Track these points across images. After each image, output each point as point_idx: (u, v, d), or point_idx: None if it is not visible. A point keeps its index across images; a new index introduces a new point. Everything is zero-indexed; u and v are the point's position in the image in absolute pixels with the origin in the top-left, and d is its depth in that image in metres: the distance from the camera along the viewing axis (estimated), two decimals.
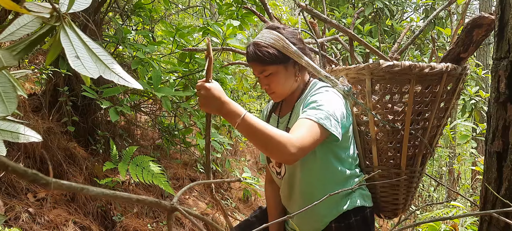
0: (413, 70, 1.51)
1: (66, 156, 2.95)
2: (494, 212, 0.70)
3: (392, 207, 1.74)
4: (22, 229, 2.39)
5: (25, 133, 0.99)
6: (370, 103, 1.58)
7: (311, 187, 1.57)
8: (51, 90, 3.16)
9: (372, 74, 1.53)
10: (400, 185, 1.70)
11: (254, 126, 1.26)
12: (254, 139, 1.29)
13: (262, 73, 1.54)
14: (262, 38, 1.54)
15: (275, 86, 1.56)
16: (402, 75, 1.53)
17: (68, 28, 0.86)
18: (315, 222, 1.59)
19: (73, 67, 0.79)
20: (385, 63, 1.51)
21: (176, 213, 0.65)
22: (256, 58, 1.52)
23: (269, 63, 1.51)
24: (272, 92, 1.59)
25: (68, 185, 0.56)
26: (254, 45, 1.53)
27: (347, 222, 1.55)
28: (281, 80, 1.55)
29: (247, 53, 1.56)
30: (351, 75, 1.60)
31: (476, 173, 4.72)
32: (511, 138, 1.30)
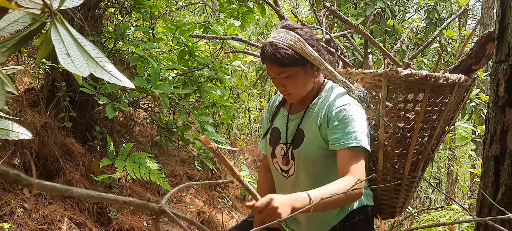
0: (429, 80, 1.53)
1: (63, 152, 2.94)
2: (489, 219, 0.69)
3: (391, 209, 1.77)
4: (16, 224, 2.39)
5: (15, 130, 0.97)
6: (384, 110, 1.58)
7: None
8: (49, 85, 3.15)
9: (390, 81, 1.54)
10: (400, 189, 1.72)
11: (324, 198, 1.21)
12: (330, 207, 1.39)
13: (280, 75, 1.50)
14: (280, 39, 1.49)
15: (292, 88, 1.53)
16: (417, 84, 1.54)
17: (59, 25, 0.84)
18: (321, 225, 1.59)
19: (63, 65, 0.77)
20: (403, 72, 1.52)
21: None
22: (275, 60, 1.47)
23: (288, 65, 1.47)
24: (289, 94, 1.55)
25: (51, 186, 0.55)
26: (272, 46, 1.48)
27: (352, 221, 1.56)
28: (299, 82, 1.52)
29: (263, 53, 1.50)
30: (367, 80, 1.60)
31: (475, 175, 4.71)
32: (509, 142, 1.28)
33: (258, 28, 7.89)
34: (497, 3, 1.39)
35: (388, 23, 6.29)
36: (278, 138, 1.65)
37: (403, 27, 6.48)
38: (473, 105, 4.79)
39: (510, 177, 1.28)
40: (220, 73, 3.42)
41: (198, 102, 4.10)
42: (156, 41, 3.39)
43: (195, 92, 3.54)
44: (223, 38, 2.23)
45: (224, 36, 2.29)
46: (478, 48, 1.65)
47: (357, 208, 1.57)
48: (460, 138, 3.72)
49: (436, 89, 1.57)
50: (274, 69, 1.50)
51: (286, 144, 1.60)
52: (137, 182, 3.25)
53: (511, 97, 1.29)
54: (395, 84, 1.54)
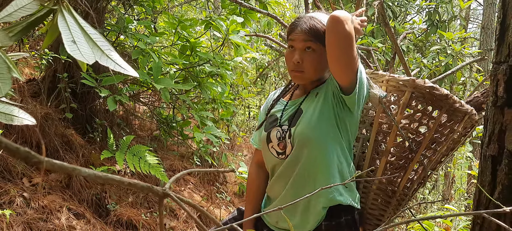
0: (449, 100, 1.55)
1: (63, 143, 2.95)
2: (485, 212, 0.70)
3: (376, 221, 1.72)
4: (16, 213, 2.40)
5: (19, 115, 0.98)
6: (401, 116, 1.58)
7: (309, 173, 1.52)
8: (51, 76, 3.16)
9: (415, 88, 1.55)
10: (391, 202, 1.69)
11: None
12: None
13: (304, 44, 1.48)
14: (318, 16, 1.50)
15: (307, 65, 1.49)
16: (437, 100, 1.56)
17: (66, 12, 0.85)
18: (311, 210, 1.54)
19: (69, 52, 0.78)
20: (428, 83, 1.54)
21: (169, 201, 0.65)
22: (308, 28, 1.46)
23: (317, 39, 1.46)
24: (301, 71, 1.51)
25: (60, 164, 0.56)
26: (311, 18, 1.49)
27: (338, 221, 1.52)
28: (318, 63, 1.50)
29: (299, 20, 1.50)
30: (391, 83, 1.60)
31: (472, 177, 4.73)
32: (507, 142, 1.30)
33: (259, 27, 7.90)
34: (497, 3, 1.40)
35: (390, 24, 6.30)
36: (274, 122, 1.61)
37: (404, 29, 6.49)
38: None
39: (507, 176, 1.29)
40: (221, 69, 3.43)
41: (198, 98, 4.11)
42: (158, 35, 3.40)
43: (196, 88, 3.56)
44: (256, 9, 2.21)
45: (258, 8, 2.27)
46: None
47: (345, 208, 1.52)
48: None
49: (450, 112, 1.59)
50: (303, 37, 1.47)
51: (281, 126, 1.57)
52: (136, 175, 3.26)
53: (510, 98, 1.30)
54: (419, 93, 1.55)
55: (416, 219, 0.83)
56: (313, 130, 1.49)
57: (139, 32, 3.88)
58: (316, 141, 1.49)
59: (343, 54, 1.38)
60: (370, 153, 1.66)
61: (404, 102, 1.56)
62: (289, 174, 1.55)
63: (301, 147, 1.51)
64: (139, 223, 2.88)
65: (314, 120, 1.49)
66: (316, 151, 1.50)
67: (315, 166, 1.51)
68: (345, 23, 1.34)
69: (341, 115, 1.50)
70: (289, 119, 1.56)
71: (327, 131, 1.49)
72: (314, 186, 1.49)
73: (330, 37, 1.37)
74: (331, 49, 1.39)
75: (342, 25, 1.34)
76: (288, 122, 1.56)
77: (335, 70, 1.43)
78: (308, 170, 1.52)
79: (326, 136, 1.50)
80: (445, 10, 6.46)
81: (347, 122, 1.52)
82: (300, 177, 1.53)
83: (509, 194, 1.29)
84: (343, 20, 1.34)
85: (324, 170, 1.50)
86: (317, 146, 1.49)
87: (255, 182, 1.75)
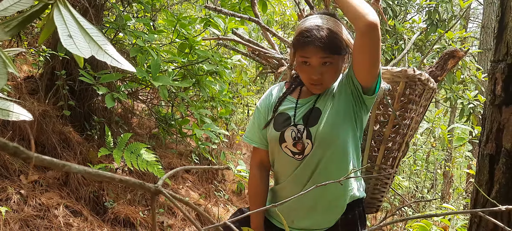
0: (429, 83, 1.76)
1: (61, 140, 2.95)
2: (481, 211, 0.70)
3: (378, 203, 1.88)
4: (12, 210, 2.39)
5: (16, 110, 0.98)
6: (397, 104, 1.72)
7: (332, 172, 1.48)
8: (49, 73, 3.15)
9: (408, 78, 1.68)
10: (387, 183, 1.86)
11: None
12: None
13: (324, 59, 1.40)
14: (329, 25, 1.41)
15: (328, 77, 1.44)
16: (423, 84, 1.74)
17: (62, 6, 0.85)
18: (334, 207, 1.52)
19: (65, 46, 0.78)
20: (417, 71, 1.69)
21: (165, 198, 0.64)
22: (328, 44, 1.38)
23: (337, 52, 1.40)
24: (320, 84, 1.45)
25: (49, 160, 0.56)
26: (323, 29, 1.39)
27: (353, 213, 1.54)
28: (336, 72, 1.45)
29: (311, 36, 1.39)
30: (386, 76, 1.71)
31: (471, 176, 4.73)
32: (504, 140, 1.29)
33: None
34: (497, 2, 1.40)
35: (390, 23, 6.29)
36: (287, 121, 1.53)
37: (404, 28, 6.49)
38: (471, 107, 4.81)
39: (504, 175, 1.29)
40: (220, 67, 3.42)
41: (197, 96, 4.10)
42: (156, 33, 3.39)
43: (194, 86, 3.55)
44: (241, 16, 2.17)
45: (242, 15, 2.24)
46: (443, 62, 2.00)
47: (357, 199, 1.54)
48: (457, 139, 3.74)
49: (427, 91, 1.79)
50: (320, 53, 1.39)
51: (296, 125, 1.50)
52: (134, 173, 3.25)
53: (508, 97, 1.30)
54: (411, 82, 1.69)
55: (413, 217, 0.83)
56: (335, 130, 1.46)
57: (138, 29, 3.87)
58: (340, 140, 1.46)
59: (373, 58, 1.35)
60: (369, 143, 1.77)
61: (399, 92, 1.70)
62: (307, 174, 1.50)
63: (324, 147, 1.47)
64: (137, 220, 2.87)
65: (336, 120, 1.46)
66: (339, 150, 1.47)
67: (336, 164, 1.48)
68: (379, 29, 1.30)
69: (359, 113, 1.49)
70: (304, 118, 1.51)
71: (348, 131, 1.48)
72: (336, 185, 1.45)
73: (366, 42, 1.32)
74: (365, 54, 1.35)
75: (378, 32, 1.30)
76: (303, 121, 1.51)
77: (363, 72, 1.40)
78: (330, 169, 1.48)
79: (347, 135, 1.48)
80: (445, 9, 6.46)
81: (363, 119, 1.53)
82: (321, 176, 1.48)
83: (506, 192, 1.29)
84: (378, 25, 1.30)
85: (344, 168, 1.48)
86: (341, 145, 1.47)
87: (260, 186, 1.65)
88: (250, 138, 1.65)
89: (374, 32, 1.29)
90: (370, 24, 1.28)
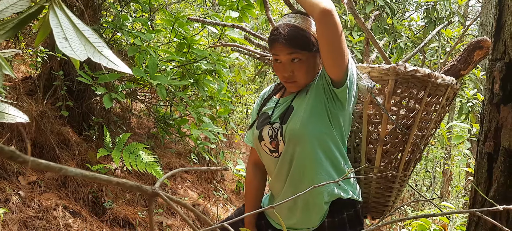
0: (431, 79, 1.59)
1: (59, 141, 2.94)
2: (478, 211, 0.70)
3: (382, 208, 1.76)
4: (11, 211, 2.39)
5: (11, 113, 0.97)
6: (389, 104, 1.61)
7: (304, 169, 1.51)
8: (46, 74, 3.14)
9: (397, 75, 1.57)
10: (394, 187, 1.72)
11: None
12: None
13: (290, 56, 1.44)
14: (296, 22, 1.45)
15: (299, 74, 1.47)
16: (421, 82, 1.59)
17: (57, 8, 0.84)
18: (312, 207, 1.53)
19: (61, 49, 0.78)
20: (410, 67, 1.56)
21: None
22: (291, 40, 1.42)
23: (303, 48, 1.43)
24: (293, 81, 1.49)
25: (46, 164, 0.55)
26: (289, 26, 1.43)
27: (341, 217, 1.52)
28: (308, 69, 1.47)
29: (277, 33, 1.44)
30: (374, 74, 1.61)
31: (470, 174, 4.74)
32: (503, 139, 1.29)
33: (257, 24, 7.88)
34: (495, 0, 1.39)
35: (388, 21, 6.29)
36: (266, 120, 1.60)
37: (402, 26, 6.49)
38: (470, 105, 4.82)
39: (503, 174, 1.29)
40: (218, 65, 3.42)
41: (196, 96, 4.10)
42: (154, 32, 3.39)
43: (193, 85, 3.54)
44: (223, 24, 2.19)
45: (225, 23, 2.26)
46: (466, 54, 1.76)
47: (345, 201, 1.52)
48: (456, 137, 3.74)
49: (434, 89, 1.63)
50: (286, 50, 1.43)
51: (273, 124, 1.56)
52: (133, 173, 3.25)
53: (506, 95, 1.30)
54: (402, 79, 1.58)
55: (412, 217, 0.83)
56: (304, 126, 1.48)
57: (136, 29, 3.87)
58: (308, 137, 1.48)
59: (333, 45, 1.36)
60: (364, 144, 1.69)
61: (389, 91, 1.59)
62: (285, 172, 1.55)
63: (293, 144, 1.50)
64: (136, 221, 2.87)
65: (305, 116, 1.48)
66: (308, 148, 1.48)
67: (309, 162, 1.50)
68: (335, 14, 1.33)
69: (333, 110, 1.48)
70: (281, 116, 1.55)
71: (319, 127, 1.48)
72: (312, 182, 1.48)
73: (322, 30, 1.35)
74: (323, 41, 1.37)
75: (333, 18, 1.32)
76: (280, 119, 1.55)
77: (328, 63, 1.42)
78: (303, 167, 1.51)
79: (318, 132, 1.48)
80: (443, 7, 6.46)
81: (340, 117, 1.51)
82: (296, 174, 1.52)
83: (505, 191, 1.29)
84: (334, 11, 1.33)
85: (318, 166, 1.49)
86: (309, 142, 1.48)
87: (252, 182, 1.74)
88: (247, 138, 1.74)
89: (328, 18, 1.32)
90: (323, 11, 1.31)
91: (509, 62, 1.28)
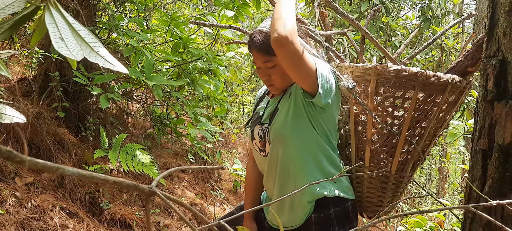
0: (419, 78, 1.50)
1: (56, 142, 2.93)
2: (472, 206, 0.71)
3: (375, 208, 1.75)
4: (8, 213, 2.38)
5: (8, 113, 0.97)
6: (372, 104, 1.57)
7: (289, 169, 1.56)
8: (42, 75, 3.13)
9: (379, 75, 1.52)
10: (387, 188, 1.69)
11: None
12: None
13: (265, 64, 1.50)
14: (268, 27, 1.48)
15: (276, 78, 1.53)
16: (407, 80, 1.52)
17: (53, 8, 0.84)
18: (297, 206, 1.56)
19: (57, 49, 0.78)
20: (393, 67, 1.50)
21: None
22: (262, 47, 1.47)
23: (272, 54, 1.44)
24: (271, 84, 1.55)
25: (43, 164, 0.56)
26: (260, 33, 1.47)
27: (327, 212, 1.54)
28: (283, 73, 1.51)
29: (251, 40, 1.50)
30: (356, 73, 1.58)
31: (466, 171, 4.76)
32: (497, 136, 1.31)
33: (253, 23, 7.88)
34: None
35: (383, 20, 6.31)
36: (258, 119, 1.67)
37: (398, 24, 6.51)
38: (465, 102, 4.84)
39: (497, 170, 1.30)
40: (214, 64, 3.42)
41: (192, 96, 4.10)
42: (150, 32, 3.38)
43: (189, 85, 3.55)
44: (221, 26, 2.21)
45: (222, 24, 2.28)
46: (474, 50, 1.65)
47: (332, 199, 1.54)
48: (450, 135, 3.75)
49: (427, 88, 1.55)
50: (260, 57, 1.50)
51: (262, 124, 1.63)
52: (130, 174, 3.25)
53: (499, 92, 1.31)
54: (385, 79, 1.52)
55: (407, 213, 0.84)
56: (285, 128, 1.53)
57: (132, 29, 3.86)
58: (290, 138, 1.53)
59: (295, 67, 1.38)
60: (354, 144, 1.69)
61: (371, 92, 1.55)
62: (273, 171, 1.61)
63: (276, 144, 1.56)
64: (133, 221, 2.87)
65: (287, 118, 1.53)
66: (290, 149, 1.54)
67: (292, 163, 1.55)
68: (292, 39, 1.30)
69: (313, 113, 1.52)
70: (269, 117, 1.61)
71: (300, 129, 1.52)
72: (295, 183, 1.54)
73: (280, 57, 1.36)
74: (284, 65, 1.39)
75: (289, 46, 1.30)
76: (269, 119, 1.61)
77: (295, 79, 1.47)
78: (287, 167, 1.56)
79: (300, 134, 1.53)
80: (438, 5, 6.48)
81: (320, 119, 1.54)
82: (282, 174, 1.58)
83: (499, 187, 1.30)
84: (290, 37, 1.30)
85: (301, 167, 1.54)
86: (291, 143, 1.53)
87: (251, 177, 1.81)
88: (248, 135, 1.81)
89: (282, 49, 1.31)
90: (276, 41, 1.30)
91: (503, 59, 1.29)
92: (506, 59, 1.28)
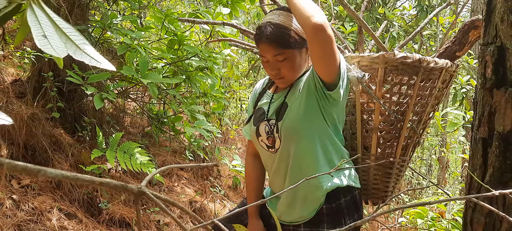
0: (422, 64, 1.56)
1: (52, 143, 2.91)
2: (474, 197, 0.69)
3: (382, 193, 1.79)
4: (5, 216, 2.36)
5: None
6: (380, 92, 1.60)
7: (301, 165, 1.53)
8: (36, 75, 3.10)
9: (386, 63, 1.56)
10: (392, 172, 1.74)
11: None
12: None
13: (276, 57, 1.46)
14: (279, 20, 1.44)
15: (286, 71, 1.49)
16: (412, 67, 1.57)
17: (35, 6, 0.82)
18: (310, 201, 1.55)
19: (40, 47, 0.75)
20: (400, 54, 1.55)
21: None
22: (275, 40, 1.42)
23: (287, 46, 1.43)
24: (281, 78, 1.51)
25: (23, 166, 0.53)
26: (273, 25, 1.43)
27: (338, 202, 1.54)
28: (295, 66, 1.48)
29: (260, 33, 1.45)
30: (363, 63, 1.61)
31: (466, 160, 4.74)
32: (496, 124, 1.28)
33: (249, 18, 7.84)
34: None
35: (379, 11, 6.28)
36: (262, 116, 1.62)
37: (394, 15, 6.47)
38: (464, 91, 4.82)
39: (497, 158, 1.28)
40: (209, 62, 3.39)
41: (189, 93, 4.07)
42: (144, 30, 3.35)
43: (185, 82, 3.52)
44: (214, 23, 2.18)
45: (215, 21, 2.25)
46: (461, 35, 1.74)
47: (343, 189, 1.55)
48: (450, 124, 3.75)
49: (427, 73, 1.61)
50: (271, 50, 1.45)
51: (269, 120, 1.59)
52: (128, 173, 3.22)
53: (498, 79, 1.28)
54: (392, 66, 1.57)
55: (408, 206, 0.81)
56: (299, 124, 1.50)
57: (126, 27, 3.82)
58: (303, 134, 1.50)
59: (327, 55, 1.37)
60: (359, 133, 1.71)
61: (379, 79, 1.58)
62: (284, 168, 1.57)
63: (289, 141, 1.53)
64: (132, 220, 2.85)
65: (299, 114, 1.50)
66: (304, 145, 1.51)
67: (306, 159, 1.52)
68: (327, 28, 1.31)
69: (327, 107, 1.50)
70: (276, 112, 1.57)
71: (313, 124, 1.50)
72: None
73: (314, 45, 1.35)
74: (316, 53, 1.37)
75: (325, 32, 1.30)
76: (275, 115, 1.57)
77: (320, 68, 1.43)
78: (300, 163, 1.53)
79: (313, 129, 1.51)
80: None
81: (333, 112, 1.53)
82: (295, 171, 1.55)
83: (500, 176, 1.28)
84: (325, 25, 1.30)
85: (314, 162, 1.51)
86: (305, 139, 1.51)
87: (252, 174, 1.78)
88: (245, 131, 1.77)
89: (320, 34, 1.30)
90: (314, 28, 1.30)
91: (501, 46, 1.27)
92: (504, 45, 1.26)
